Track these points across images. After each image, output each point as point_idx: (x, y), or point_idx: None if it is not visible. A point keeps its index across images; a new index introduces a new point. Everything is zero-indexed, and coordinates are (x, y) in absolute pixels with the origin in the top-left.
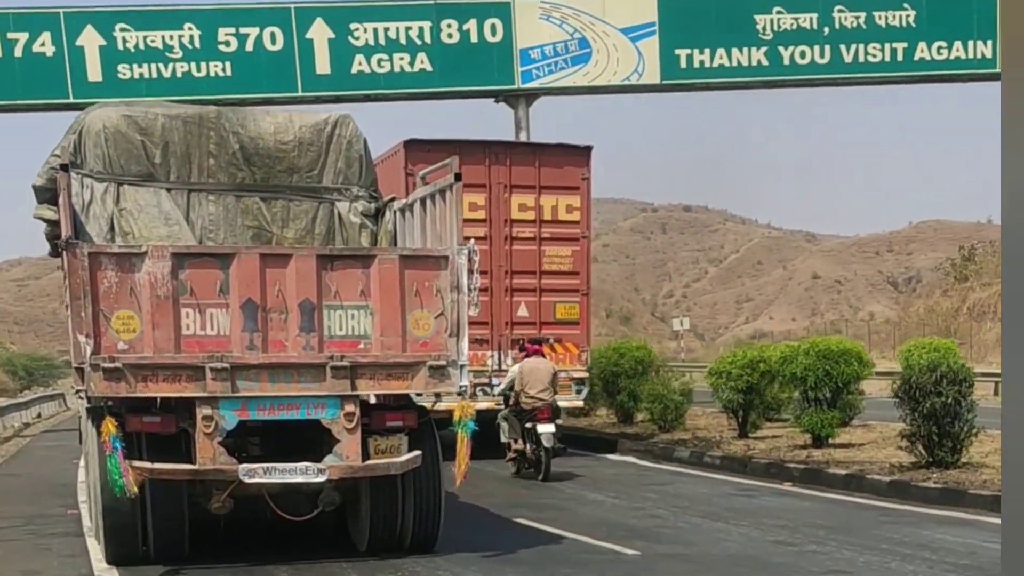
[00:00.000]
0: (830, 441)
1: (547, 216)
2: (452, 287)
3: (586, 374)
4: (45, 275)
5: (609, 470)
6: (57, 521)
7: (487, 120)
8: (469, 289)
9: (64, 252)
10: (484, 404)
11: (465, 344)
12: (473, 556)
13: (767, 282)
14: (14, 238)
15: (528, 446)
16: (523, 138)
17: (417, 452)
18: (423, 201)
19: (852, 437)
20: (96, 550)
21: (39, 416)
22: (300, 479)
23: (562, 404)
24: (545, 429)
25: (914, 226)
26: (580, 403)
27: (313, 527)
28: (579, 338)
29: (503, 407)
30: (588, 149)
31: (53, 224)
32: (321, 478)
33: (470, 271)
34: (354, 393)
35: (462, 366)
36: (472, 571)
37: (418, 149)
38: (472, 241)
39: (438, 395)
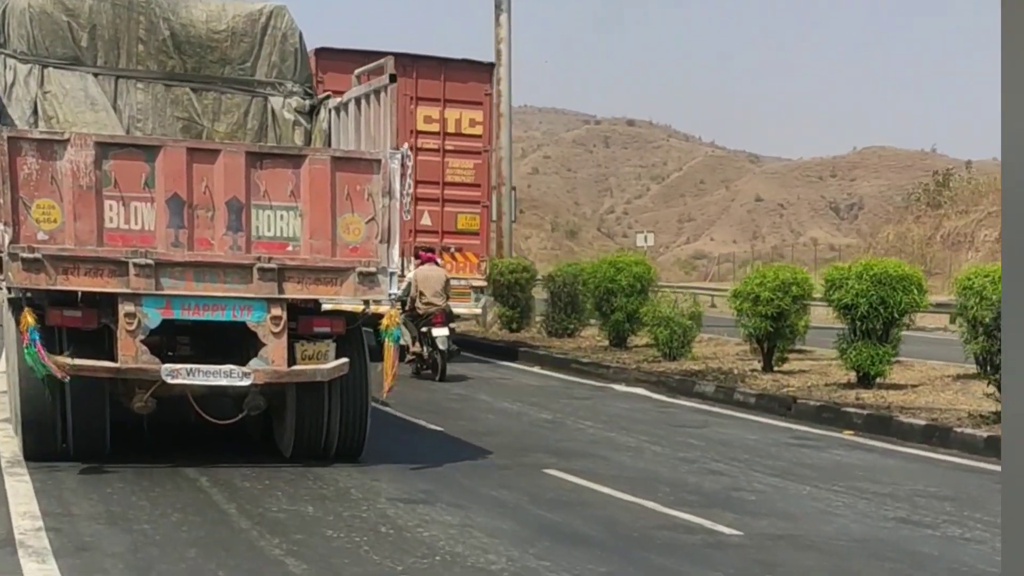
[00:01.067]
0: (878, 381)
1: (451, 129)
2: (384, 192)
3: (485, 283)
4: None
5: (622, 404)
6: None
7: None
8: (402, 195)
9: None
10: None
11: (396, 251)
12: (400, 468)
13: (709, 202)
14: None
15: (425, 349)
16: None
17: (344, 359)
18: (358, 101)
19: (898, 377)
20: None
21: None
22: (224, 382)
23: (460, 311)
24: (440, 333)
25: (858, 152)
26: (478, 311)
27: (238, 432)
28: (479, 248)
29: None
30: (491, 66)
31: None
32: (246, 382)
33: (403, 176)
34: (281, 296)
35: (392, 273)
36: (401, 482)
37: (327, 57)
38: (406, 145)
39: (366, 302)
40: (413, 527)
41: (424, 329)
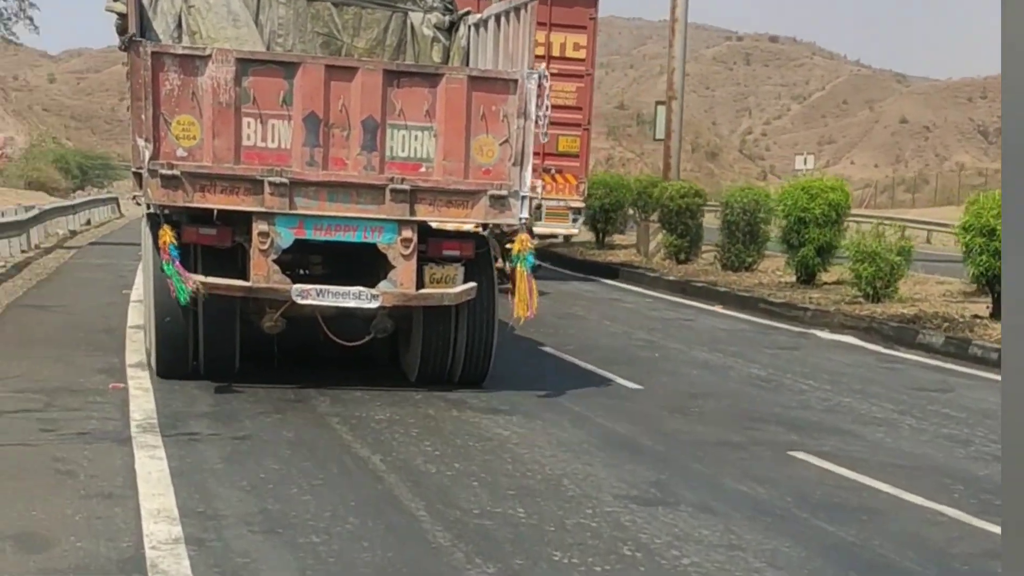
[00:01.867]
0: None
1: (555, 53)
2: (520, 113)
3: (583, 204)
4: (105, 68)
5: (837, 357)
6: (94, 400)
7: None
8: (537, 117)
9: (128, 50)
10: None
11: (529, 174)
12: (527, 394)
13: (851, 123)
14: (75, 27)
15: (507, 264)
16: None
17: (472, 284)
18: (497, 18)
19: None
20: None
21: (88, 223)
22: (353, 304)
23: (558, 231)
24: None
25: None
26: (575, 231)
27: (365, 353)
28: (578, 170)
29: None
30: None
31: (123, 17)
32: (374, 304)
33: (540, 97)
34: (413, 218)
35: (524, 197)
36: (527, 409)
37: None
38: (543, 66)
39: (497, 225)
40: (655, 542)
41: (508, 246)
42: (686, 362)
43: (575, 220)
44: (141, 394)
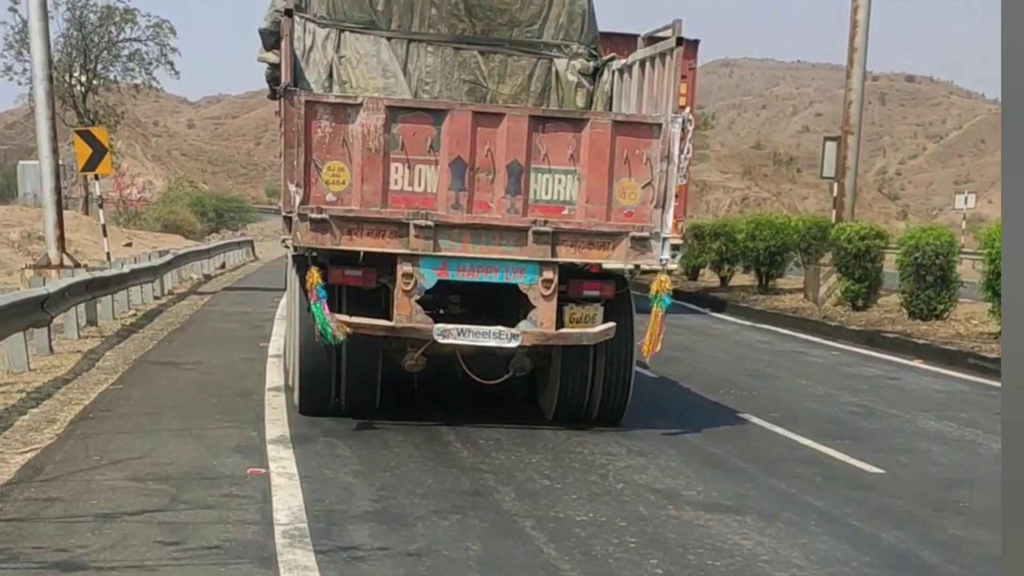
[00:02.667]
0: None
1: None
2: (663, 156)
3: (680, 241)
4: (242, 114)
5: None
6: (229, 494)
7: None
8: (679, 159)
9: (281, 99)
10: None
11: (670, 216)
12: (657, 433)
13: (989, 163)
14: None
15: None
16: None
17: (612, 324)
18: (642, 64)
19: None
20: None
21: (223, 266)
22: (493, 343)
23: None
24: None
25: None
26: (675, 265)
27: (502, 391)
28: (678, 209)
29: None
30: (696, 42)
31: (275, 67)
32: (514, 343)
33: (682, 140)
34: (554, 260)
35: (665, 239)
36: (666, 449)
37: None
38: (687, 109)
39: (637, 267)
40: None
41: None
42: (917, 434)
43: (674, 256)
44: (285, 483)
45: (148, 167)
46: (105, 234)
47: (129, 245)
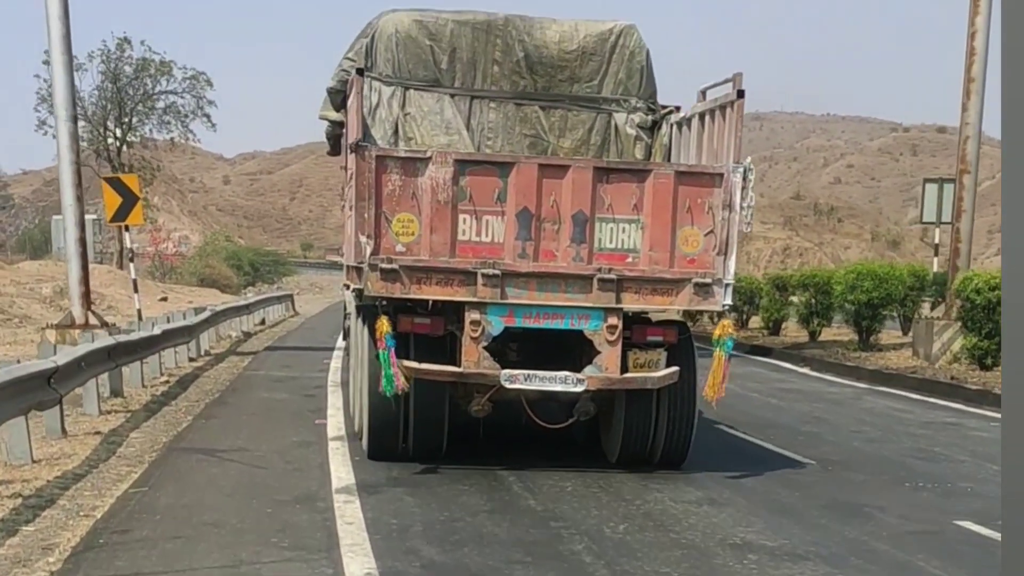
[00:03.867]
0: None
1: None
2: (725, 205)
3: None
4: (277, 170)
5: None
6: None
7: None
8: (742, 207)
9: (353, 154)
10: None
11: (732, 263)
12: (719, 475)
13: None
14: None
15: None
16: None
17: (675, 368)
18: (701, 116)
19: None
20: None
21: (263, 322)
22: (559, 388)
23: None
24: None
25: None
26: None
27: (565, 435)
28: None
29: None
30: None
31: (335, 124)
32: (579, 388)
33: (744, 189)
34: (619, 306)
35: (727, 285)
36: (722, 491)
37: None
38: (749, 159)
39: (700, 312)
40: None
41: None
42: None
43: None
44: None
45: (184, 222)
46: (136, 290)
47: (164, 300)
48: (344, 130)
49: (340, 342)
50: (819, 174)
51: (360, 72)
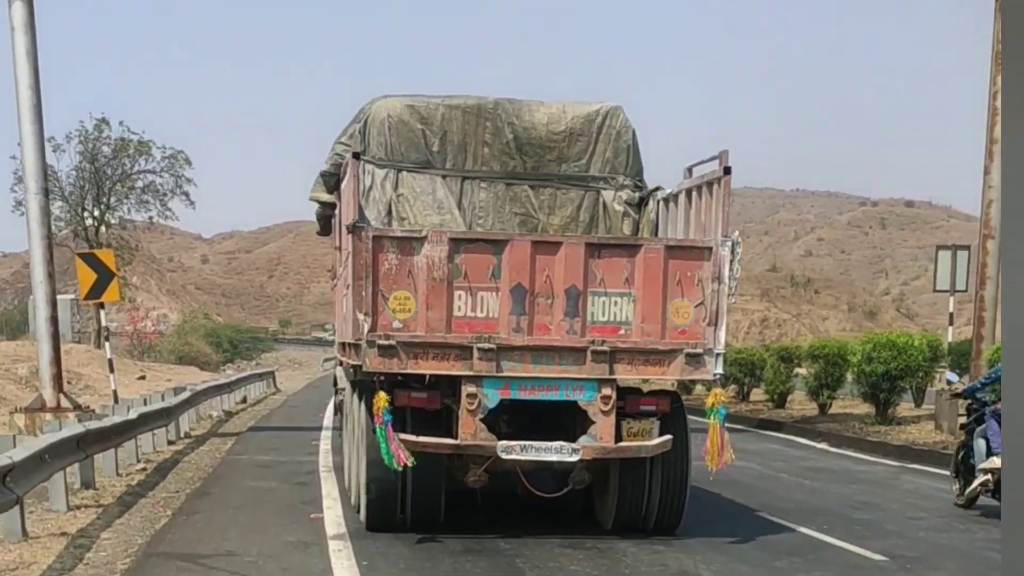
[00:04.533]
0: None
1: None
2: (714, 277)
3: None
4: (255, 249)
5: None
6: None
7: None
8: (730, 280)
9: (351, 234)
10: None
11: (723, 333)
12: (717, 542)
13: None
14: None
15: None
16: None
17: (668, 436)
18: (688, 192)
19: None
20: None
21: (244, 400)
22: (555, 458)
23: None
24: None
25: None
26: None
27: (561, 503)
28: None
29: None
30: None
31: (325, 205)
32: (575, 457)
33: (732, 262)
34: (612, 377)
35: (718, 354)
36: (714, 557)
37: None
38: (737, 232)
39: (693, 382)
40: None
41: None
42: None
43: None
44: None
45: (163, 301)
46: (112, 369)
47: (143, 378)
48: (335, 211)
49: (327, 421)
50: (790, 247)
51: (356, 156)
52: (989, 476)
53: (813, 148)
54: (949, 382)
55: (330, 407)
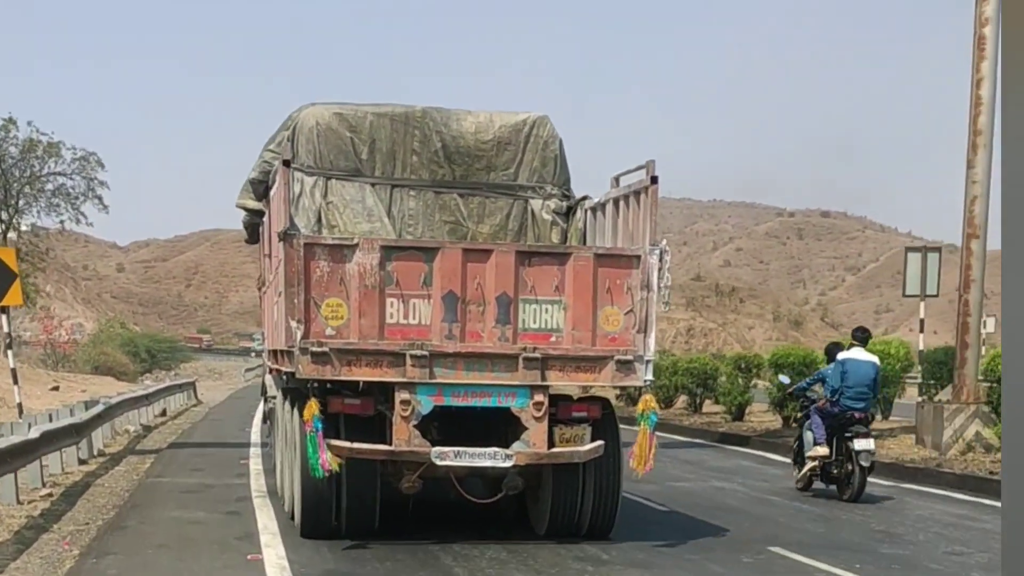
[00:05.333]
0: None
1: None
2: (643, 285)
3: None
4: (172, 257)
5: None
6: None
7: None
8: (659, 287)
9: (282, 242)
10: None
11: (652, 340)
12: (646, 545)
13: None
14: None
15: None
16: None
17: (600, 442)
18: (616, 202)
19: None
20: None
21: (163, 413)
22: (488, 463)
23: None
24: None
25: None
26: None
27: (494, 509)
28: None
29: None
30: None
31: (252, 213)
32: (508, 463)
33: (660, 270)
34: (544, 384)
35: (648, 361)
36: (644, 558)
37: None
38: (664, 241)
39: (623, 388)
40: None
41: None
42: None
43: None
44: None
45: (78, 310)
46: (16, 380)
47: (56, 389)
48: (264, 219)
49: (255, 436)
50: (709, 257)
51: (287, 163)
52: (816, 463)
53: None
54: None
55: (257, 419)
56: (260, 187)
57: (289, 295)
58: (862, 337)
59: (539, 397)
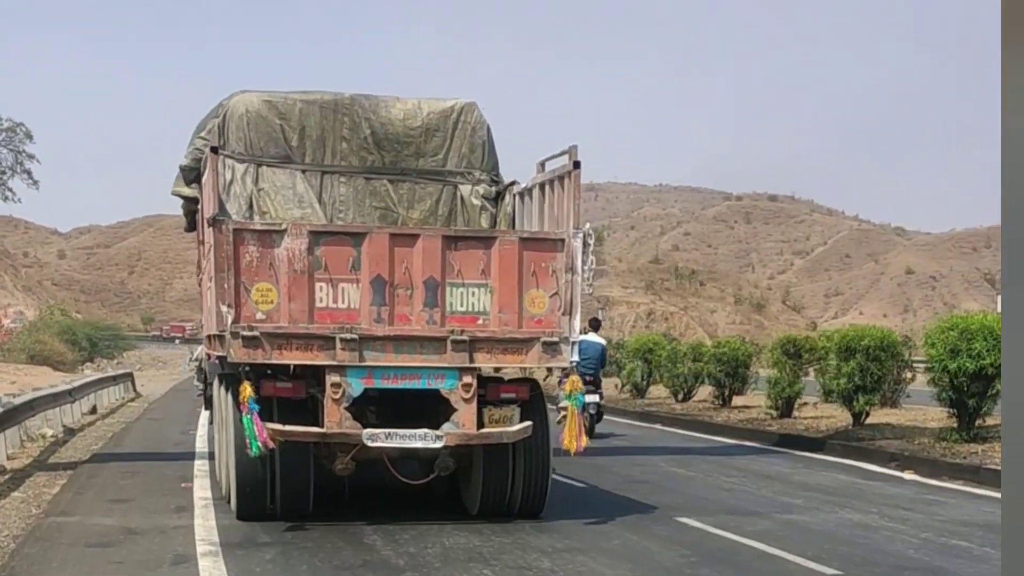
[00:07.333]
0: None
1: None
2: (567, 268)
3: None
4: (114, 244)
5: None
6: None
7: None
8: (583, 270)
9: (211, 228)
10: None
11: (577, 322)
12: (577, 524)
13: (856, 276)
14: (84, 205)
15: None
16: None
17: (529, 423)
18: (542, 186)
19: None
20: None
21: (93, 410)
22: (419, 445)
23: None
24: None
25: None
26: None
27: (427, 491)
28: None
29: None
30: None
31: (189, 200)
32: (439, 444)
33: (584, 253)
34: (472, 366)
35: (573, 343)
36: (578, 538)
37: None
38: (587, 225)
39: (549, 369)
40: None
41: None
42: None
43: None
44: None
45: (19, 297)
46: None
47: None
48: (199, 206)
49: (202, 442)
50: (657, 242)
51: (215, 150)
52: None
53: (676, 143)
54: None
55: (203, 420)
56: (191, 174)
57: (219, 280)
58: (595, 326)
59: (467, 379)
